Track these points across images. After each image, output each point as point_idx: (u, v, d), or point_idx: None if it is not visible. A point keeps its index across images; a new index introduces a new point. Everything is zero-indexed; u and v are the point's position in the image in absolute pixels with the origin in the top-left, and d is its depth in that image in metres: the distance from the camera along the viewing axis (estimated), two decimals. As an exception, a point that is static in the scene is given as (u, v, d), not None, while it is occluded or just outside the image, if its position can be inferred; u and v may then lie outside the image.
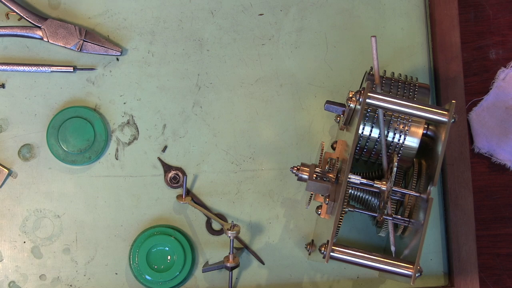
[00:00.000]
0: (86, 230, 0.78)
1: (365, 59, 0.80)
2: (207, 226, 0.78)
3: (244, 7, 0.80)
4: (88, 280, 0.77)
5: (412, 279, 0.65)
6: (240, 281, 0.78)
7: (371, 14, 0.81)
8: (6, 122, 0.78)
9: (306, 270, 0.78)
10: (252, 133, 0.79)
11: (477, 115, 0.82)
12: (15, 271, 0.77)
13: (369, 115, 0.70)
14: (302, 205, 0.79)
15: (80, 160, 0.77)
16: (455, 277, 0.77)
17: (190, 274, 0.78)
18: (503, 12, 0.84)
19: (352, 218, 0.79)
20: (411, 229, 0.69)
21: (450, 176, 0.77)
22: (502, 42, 0.83)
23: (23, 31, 0.77)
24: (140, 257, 0.76)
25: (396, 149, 0.70)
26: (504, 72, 0.83)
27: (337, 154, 0.73)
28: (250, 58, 0.80)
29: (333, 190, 0.70)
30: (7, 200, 0.77)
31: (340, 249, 0.65)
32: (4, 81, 0.78)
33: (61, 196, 0.78)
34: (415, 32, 0.80)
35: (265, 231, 0.79)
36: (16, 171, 0.78)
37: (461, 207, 0.77)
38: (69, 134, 0.77)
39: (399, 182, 0.71)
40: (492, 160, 0.82)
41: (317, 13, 0.80)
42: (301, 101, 0.79)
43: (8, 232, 0.77)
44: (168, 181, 0.78)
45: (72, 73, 0.78)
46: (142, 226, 0.78)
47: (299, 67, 0.80)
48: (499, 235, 0.82)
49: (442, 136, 0.66)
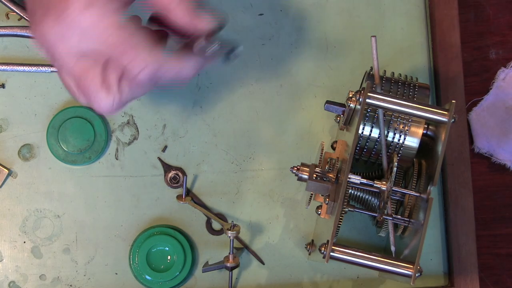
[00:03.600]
0: (86, 230, 0.78)
1: (365, 59, 0.80)
2: (207, 226, 0.78)
3: (244, 7, 0.80)
4: (88, 280, 0.77)
5: (412, 279, 0.65)
6: (240, 281, 0.78)
7: (371, 14, 0.81)
8: (6, 122, 0.78)
9: (306, 270, 0.78)
10: (252, 133, 0.79)
11: (477, 115, 0.82)
12: (15, 271, 0.77)
13: (369, 115, 0.70)
14: (302, 205, 0.79)
15: (80, 160, 0.77)
16: (455, 277, 0.77)
17: (190, 274, 0.78)
18: (503, 12, 0.84)
19: (352, 218, 0.79)
20: (411, 229, 0.69)
21: (450, 176, 0.77)
22: (502, 42, 0.83)
23: (23, 31, 0.77)
24: (140, 257, 0.76)
25: (396, 149, 0.70)
26: (504, 72, 0.83)
27: (337, 154, 0.73)
28: (250, 58, 0.80)
29: (333, 190, 0.70)
30: (7, 200, 0.77)
31: (340, 249, 0.65)
32: (4, 81, 0.78)
33: (61, 196, 0.78)
34: (415, 32, 0.81)
35: (265, 231, 0.79)
36: (16, 171, 0.78)
37: (461, 207, 0.77)
38: (69, 134, 0.77)
39: (399, 182, 0.71)
40: (492, 160, 0.82)
41: (317, 13, 0.80)
42: (301, 101, 0.79)
43: (8, 232, 0.77)
44: (168, 181, 0.78)
45: (72, 73, 0.78)
46: (142, 226, 0.78)
47: (299, 67, 0.80)
48: (499, 235, 0.82)
49: (442, 136, 0.66)
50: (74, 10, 0.56)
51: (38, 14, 0.59)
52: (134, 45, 0.59)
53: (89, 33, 0.57)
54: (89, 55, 0.59)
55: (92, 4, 0.57)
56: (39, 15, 0.58)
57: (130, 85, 0.60)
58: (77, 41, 0.58)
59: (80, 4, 0.56)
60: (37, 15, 0.59)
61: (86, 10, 0.57)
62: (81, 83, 0.60)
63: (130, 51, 0.58)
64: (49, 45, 0.59)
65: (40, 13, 0.58)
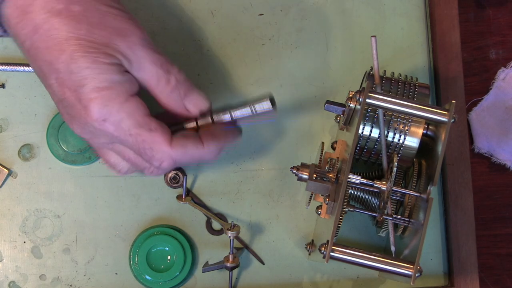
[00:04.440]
0: (86, 230, 0.78)
1: (365, 59, 0.80)
2: (207, 226, 0.78)
3: (244, 7, 0.80)
4: (88, 280, 0.77)
5: (412, 279, 0.65)
6: (240, 281, 0.78)
7: (371, 14, 0.81)
8: (6, 122, 0.78)
9: (306, 270, 0.78)
10: (252, 133, 0.79)
11: (477, 115, 0.82)
12: (15, 271, 0.77)
13: (369, 115, 0.70)
14: (302, 205, 0.79)
15: (80, 160, 0.77)
16: (455, 277, 0.77)
17: (190, 274, 0.77)
18: (503, 12, 0.84)
19: (352, 218, 0.79)
20: (411, 229, 0.69)
21: (450, 176, 0.77)
22: (502, 42, 0.83)
23: (23, 31, 0.77)
24: (140, 257, 0.76)
25: (396, 149, 0.70)
26: (504, 72, 0.83)
27: (337, 154, 0.73)
28: (250, 58, 0.80)
29: (333, 190, 0.70)
30: (7, 200, 0.77)
31: (340, 249, 0.65)
32: (4, 81, 0.78)
33: (61, 196, 0.78)
34: (415, 32, 0.81)
35: (265, 231, 0.79)
36: (16, 171, 0.78)
37: (461, 207, 0.77)
38: (69, 134, 0.77)
39: (399, 182, 0.71)
40: (492, 160, 0.82)
41: (317, 13, 0.80)
42: (301, 101, 0.79)
43: (8, 232, 0.77)
44: (168, 181, 0.78)
45: (72, 73, 0.78)
46: (142, 226, 0.78)
47: (299, 67, 0.80)
48: (499, 235, 0.82)
49: (442, 136, 0.66)
50: (94, 123, 0.62)
51: (66, 118, 0.65)
52: (152, 142, 0.64)
53: (114, 136, 0.64)
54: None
55: (109, 114, 0.62)
56: (67, 119, 0.65)
57: (158, 172, 0.68)
58: (105, 140, 0.65)
59: (98, 117, 0.62)
60: (65, 117, 0.65)
61: (105, 122, 0.62)
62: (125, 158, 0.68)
63: (148, 150, 0.65)
64: (83, 137, 0.66)
65: (67, 118, 0.65)
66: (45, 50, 0.61)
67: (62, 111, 0.65)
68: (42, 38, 0.61)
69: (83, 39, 0.61)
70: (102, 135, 0.64)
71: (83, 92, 0.61)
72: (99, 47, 0.62)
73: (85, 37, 0.61)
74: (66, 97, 0.62)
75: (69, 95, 0.62)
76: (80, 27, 0.61)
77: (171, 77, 0.67)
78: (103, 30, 0.62)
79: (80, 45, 0.61)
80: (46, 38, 0.61)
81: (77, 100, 0.62)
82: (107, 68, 0.62)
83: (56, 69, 0.61)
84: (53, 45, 0.61)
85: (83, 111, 0.62)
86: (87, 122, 0.63)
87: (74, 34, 0.61)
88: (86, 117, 0.62)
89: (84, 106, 0.62)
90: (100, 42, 0.62)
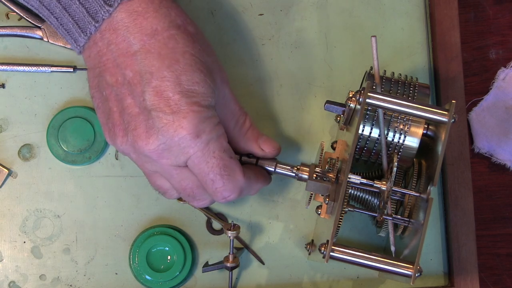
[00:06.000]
0: (86, 230, 0.78)
1: (365, 59, 0.80)
2: (207, 226, 0.78)
3: (244, 7, 0.80)
4: (88, 280, 0.77)
5: (412, 279, 0.65)
6: (240, 281, 0.78)
7: (371, 14, 0.81)
8: (6, 122, 0.78)
9: (306, 270, 0.78)
10: (252, 133, 0.79)
11: (477, 115, 0.82)
12: (15, 271, 0.77)
13: (369, 115, 0.70)
14: (302, 205, 0.79)
15: (80, 160, 0.77)
16: (455, 277, 0.77)
17: (190, 274, 0.78)
18: (503, 12, 0.84)
19: (352, 218, 0.79)
20: (411, 229, 0.69)
21: (450, 176, 0.77)
22: (502, 42, 0.83)
23: (23, 31, 0.77)
24: (140, 257, 0.76)
25: (396, 149, 0.70)
26: (504, 72, 0.83)
27: (337, 154, 0.73)
28: (250, 58, 0.80)
29: (333, 190, 0.70)
30: (7, 200, 0.77)
31: (340, 249, 0.65)
32: (4, 81, 0.78)
33: (61, 196, 0.78)
34: (415, 32, 0.81)
35: (265, 231, 0.79)
36: (16, 171, 0.78)
37: (461, 207, 0.77)
38: (69, 134, 0.77)
39: (399, 182, 0.71)
40: (492, 160, 0.82)
41: (317, 13, 0.80)
42: (301, 101, 0.79)
43: (8, 232, 0.77)
44: (168, 181, 0.78)
45: (72, 73, 0.78)
46: (142, 226, 0.78)
47: (299, 67, 0.80)
48: (499, 235, 0.82)
49: (442, 136, 0.66)
50: (185, 136, 0.63)
51: (123, 130, 0.64)
52: (231, 170, 0.66)
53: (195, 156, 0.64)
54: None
55: (203, 131, 0.63)
56: (125, 131, 0.63)
57: (209, 203, 0.70)
58: (172, 162, 0.64)
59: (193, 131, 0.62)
60: (121, 130, 0.64)
61: (197, 137, 0.63)
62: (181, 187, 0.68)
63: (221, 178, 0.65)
64: (147, 159, 0.65)
65: (130, 129, 0.63)
66: (156, 56, 0.61)
67: (119, 122, 0.64)
68: (158, 44, 0.62)
69: (197, 57, 0.63)
70: (178, 154, 0.63)
71: (185, 103, 0.61)
72: (207, 70, 0.63)
73: (199, 56, 0.63)
74: (156, 107, 0.61)
75: (163, 105, 0.61)
76: (194, 46, 0.63)
77: (248, 118, 0.70)
78: (208, 56, 0.64)
79: (195, 61, 0.62)
80: (162, 45, 0.62)
81: (170, 111, 0.61)
82: (211, 91, 0.63)
83: (161, 77, 0.61)
84: (168, 54, 0.62)
85: (176, 122, 0.61)
86: (172, 136, 0.61)
87: (190, 50, 0.62)
88: (176, 129, 0.61)
89: (180, 117, 0.61)
90: (208, 66, 0.64)
